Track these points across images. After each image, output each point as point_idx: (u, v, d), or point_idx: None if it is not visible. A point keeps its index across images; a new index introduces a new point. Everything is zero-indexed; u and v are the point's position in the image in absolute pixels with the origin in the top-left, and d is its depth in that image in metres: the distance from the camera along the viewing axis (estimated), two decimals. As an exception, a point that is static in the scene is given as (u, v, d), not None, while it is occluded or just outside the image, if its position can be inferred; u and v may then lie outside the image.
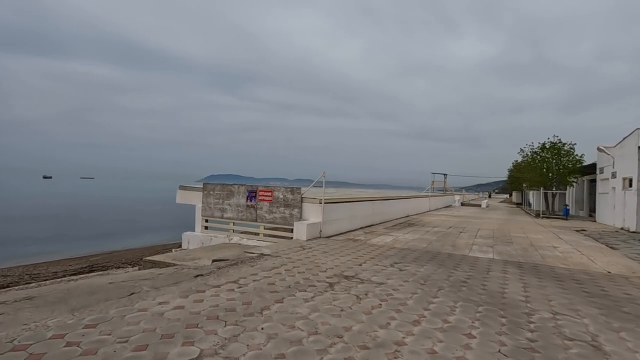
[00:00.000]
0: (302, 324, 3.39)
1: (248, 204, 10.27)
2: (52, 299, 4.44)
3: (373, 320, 3.55)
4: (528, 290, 4.95)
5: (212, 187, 10.93)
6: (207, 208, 10.97)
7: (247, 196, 10.29)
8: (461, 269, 6.18)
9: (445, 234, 11.52)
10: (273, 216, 9.91)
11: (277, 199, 9.86)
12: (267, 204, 9.98)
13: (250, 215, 10.28)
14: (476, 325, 3.51)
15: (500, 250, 8.52)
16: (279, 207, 9.82)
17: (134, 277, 5.94)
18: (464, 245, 9.11)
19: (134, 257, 18.09)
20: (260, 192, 10.11)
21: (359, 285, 4.79)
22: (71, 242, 23.85)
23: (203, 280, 4.92)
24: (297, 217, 9.54)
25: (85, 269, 14.93)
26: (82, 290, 4.81)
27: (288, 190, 9.75)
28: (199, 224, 11.11)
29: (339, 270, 5.65)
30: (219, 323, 3.33)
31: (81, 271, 14.57)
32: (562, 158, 21.50)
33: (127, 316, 3.45)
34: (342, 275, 5.31)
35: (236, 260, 6.30)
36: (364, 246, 8.20)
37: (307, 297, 4.22)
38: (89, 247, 22.68)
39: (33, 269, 15.76)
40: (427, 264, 6.50)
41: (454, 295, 4.49)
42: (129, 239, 25.92)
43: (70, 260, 18.59)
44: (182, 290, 4.38)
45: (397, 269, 5.95)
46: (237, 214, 10.47)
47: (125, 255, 18.83)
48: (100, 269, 15.09)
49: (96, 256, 19.60)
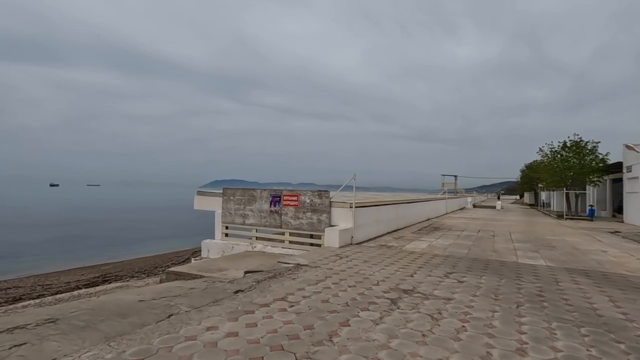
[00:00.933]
0: (386, 355, 2.80)
1: (272, 209, 9.71)
2: (79, 322, 3.89)
3: (468, 349, 2.94)
4: (619, 304, 4.32)
5: (232, 192, 10.39)
6: (227, 214, 10.42)
7: (270, 201, 9.73)
8: (525, 279, 5.55)
9: (478, 238, 10.87)
10: (299, 222, 9.33)
11: (303, 203, 9.29)
12: (293, 209, 9.41)
13: (274, 222, 9.71)
14: (596, 355, 2.90)
15: (548, 256, 7.87)
16: (305, 212, 9.25)
17: (162, 292, 5.38)
18: (506, 251, 8.47)
19: (146, 265, 17.57)
20: (284, 196, 9.55)
21: (425, 302, 4.19)
22: (80, 250, 23.41)
23: (246, 297, 4.35)
24: (325, 222, 8.95)
25: (98, 279, 14.42)
26: (110, 311, 4.25)
27: (315, 194, 9.18)
28: (218, 231, 10.56)
29: (392, 283, 5.05)
30: (287, 356, 2.74)
31: (94, 281, 14.05)
32: (585, 157, 20.75)
33: (175, 347, 2.87)
34: (399, 289, 4.71)
35: (273, 272, 5.72)
36: (402, 253, 7.59)
37: (374, 317, 3.63)
38: (98, 255, 22.22)
39: (45, 279, 15.28)
40: (483, 273, 5.87)
41: (541, 314, 3.87)
42: (137, 247, 25.45)
43: (81, 269, 18.11)
44: (227, 311, 3.81)
45: (455, 280, 5.33)
46: (259, 220, 9.91)
47: (137, 264, 18.32)
48: (113, 278, 14.57)
49: (107, 265, 19.11)
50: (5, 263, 18.94)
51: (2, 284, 14.34)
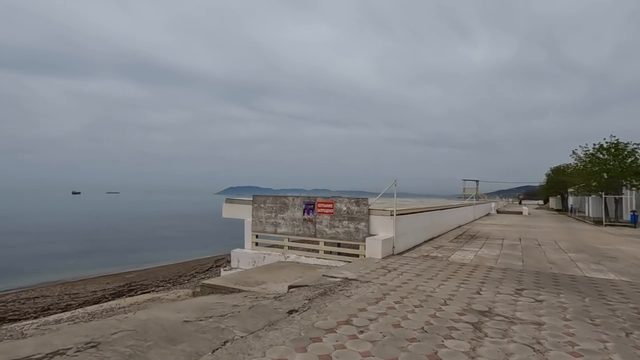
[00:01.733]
0: (508, 404, 2.25)
1: (305, 217, 9.25)
2: (124, 348, 3.48)
3: (605, 395, 2.37)
4: None
5: (262, 200, 9.99)
6: (257, 222, 10.01)
7: (303, 209, 9.27)
8: (610, 297, 4.88)
9: (525, 247, 10.11)
10: (335, 231, 8.83)
11: (339, 211, 8.79)
12: (328, 217, 8.92)
13: (307, 230, 9.24)
14: None
15: (615, 269, 7.11)
16: (341, 220, 8.74)
17: (204, 309, 4.96)
18: (564, 262, 7.74)
19: (169, 274, 17.35)
20: (319, 204, 9.08)
21: (513, 328, 3.61)
22: (103, 258, 23.49)
23: (304, 319, 3.86)
24: (364, 231, 8.42)
25: (124, 289, 14.23)
26: (155, 333, 3.84)
27: (352, 201, 8.67)
28: (249, 240, 10.16)
29: (461, 302, 4.48)
30: (384, 403, 2.23)
31: (120, 291, 13.86)
32: (625, 159, 19.57)
33: (245, 389, 2.41)
34: (474, 311, 4.13)
35: (322, 288, 5.22)
36: (452, 266, 6.99)
37: (465, 348, 3.08)
38: (120, 263, 22.21)
39: (71, 287, 15.20)
40: (558, 290, 5.22)
41: (663, 345, 3.24)
42: (158, 255, 25.41)
43: (106, 278, 18.04)
44: (290, 338, 3.32)
45: (531, 298, 4.71)
46: (292, 229, 9.46)
47: (160, 273, 18.13)
48: (139, 288, 14.36)
49: (130, 273, 19.00)
50: (31, 271, 19.09)
51: (30, 293, 14.32)
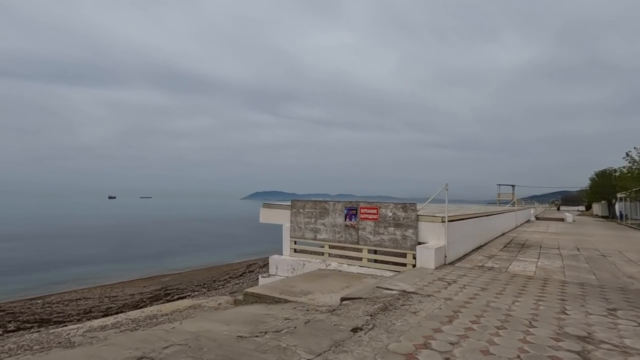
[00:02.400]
0: None
1: (347, 223, 8.81)
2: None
3: None
4: None
5: (301, 205, 9.66)
6: (296, 228, 9.68)
7: (345, 214, 8.84)
8: None
9: (590, 258, 9.15)
10: (379, 238, 8.33)
11: (384, 217, 8.29)
12: (372, 223, 8.44)
13: (349, 237, 8.79)
14: None
15: None
16: (387, 227, 8.24)
17: (255, 321, 4.62)
18: (645, 277, 6.83)
19: (203, 278, 17.39)
20: (362, 209, 8.62)
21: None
22: (138, 261, 24.06)
23: (373, 340, 3.41)
24: (412, 239, 7.87)
25: (160, 292, 14.32)
26: (212, 351, 3.52)
27: (399, 206, 8.15)
28: (287, 246, 9.84)
29: (550, 324, 3.87)
30: None
31: (157, 295, 13.96)
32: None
33: None
34: (571, 336, 3.53)
35: (380, 302, 4.76)
36: (518, 279, 6.31)
37: (585, 387, 2.53)
38: (155, 266, 22.63)
39: (110, 290, 15.51)
40: (658, 311, 4.48)
41: None
42: (189, 258, 25.75)
43: (142, 280, 18.36)
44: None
45: (633, 322, 4.03)
46: (333, 235, 9.05)
47: (194, 276, 18.24)
48: (175, 292, 14.41)
49: (165, 277, 19.26)
50: (73, 273, 19.79)
51: (72, 294, 14.72)
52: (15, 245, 27.64)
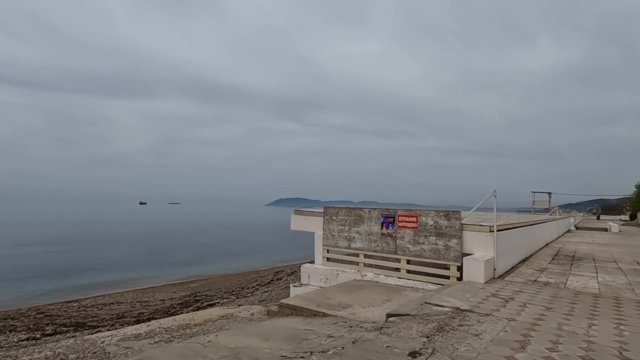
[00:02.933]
0: None
1: (384, 231, 8.36)
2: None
3: None
4: None
5: (334, 212, 9.30)
6: (329, 236, 9.32)
7: (382, 222, 8.40)
8: None
9: (656, 274, 8.21)
10: (419, 248, 7.81)
11: (424, 225, 7.78)
12: (411, 232, 7.95)
13: (386, 246, 8.32)
14: None
15: None
16: (427, 236, 7.72)
17: (297, 338, 4.28)
18: None
19: (231, 285, 17.31)
20: (400, 217, 8.15)
21: None
22: (167, 266, 24.43)
23: (438, 368, 2.98)
24: (455, 249, 7.32)
25: (190, 299, 14.31)
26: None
27: (440, 214, 7.62)
28: (319, 255, 9.49)
29: (645, 354, 3.29)
30: None
31: (187, 301, 13.95)
32: None
33: None
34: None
35: (433, 320, 4.29)
36: (583, 297, 5.63)
37: None
38: (184, 271, 22.89)
39: (141, 294, 15.71)
40: None
41: None
42: (217, 264, 25.92)
43: (171, 286, 18.53)
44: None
45: None
46: (368, 244, 8.61)
47: (222, 283, 18.21)
48: (204, 298, 14.36)
49: (194, 282, 19.38)
50: (107, 277, 20.31)
51: (106, 298, 15.01)
52: (54, 249, 28.91)
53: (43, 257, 25.15)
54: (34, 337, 8.68)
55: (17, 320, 10.86)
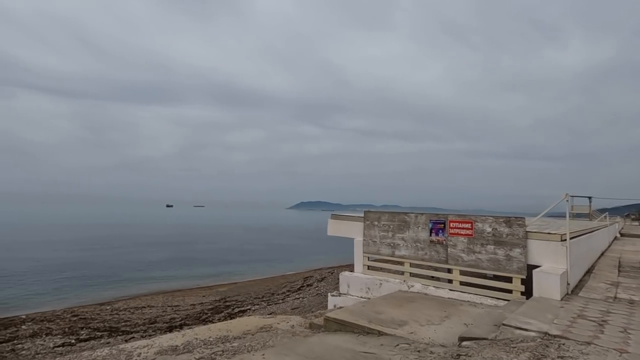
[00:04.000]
0: None
1: (433, 238, 7.65)
2: None
3: None
4: None
5: (376, 216, 8.67)
6: (370, 243, 8.70)
7: (430, 228, 7.70)
8: None
9: None
10: (475, 257, 7.06)
11: (480, 232, 7.02)
12: (465, 239, 7.21)
13: (436, 255, 7.61)
14: None
15: None
16: (485, 244, 6.96)
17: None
18: None
19: (260, 290, 16.94)
20: (452, 222, 7.42)
21: None
22: (196, 268, 24.47)
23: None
24: (519, 260, 6.52)
25: (220, 304, 14.01)
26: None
27: (500, 221, 6.85)
28: (359, 262, 8.87)
29: None
30: None
31: (217, 306, 13.66)
32: None
33: None
34: None
35: (526, 350, 3.59)
36: (688, 320, 4.73)
37: None
38: (212, 274, 22.79)
39: (171, 298, 15.59)
40: None
41: None
42: (244, 268, 25.72)
43: (200, 290, 18.38)
44: None
45: None
46: (415, 252, 7.92)
47: (251, 288, 17.87)
48: (234, 304, 14.03)
49: (222, 286, 19.17)
50: (137, 278, 20.48)
51: (137, 301, 14.98)
52: (87, 251, 29.72)
53: (76, 258, 25.84)
54: (70, 342, 8.54)
55: (53, 323, 10.87)
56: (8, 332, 9.62)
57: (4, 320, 11.48)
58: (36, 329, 10.03)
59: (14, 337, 9.10)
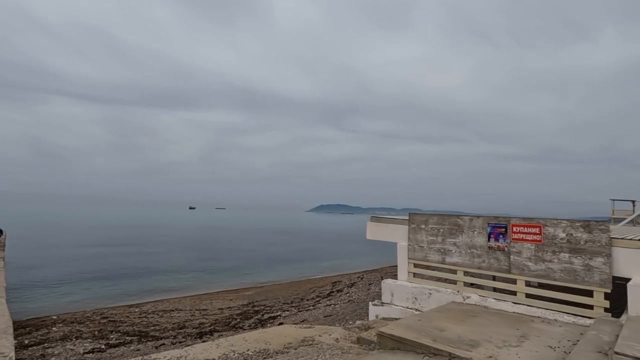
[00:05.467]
0: None
1: (491, 244, 6.82)
2: None
3: None
4: None
5: (423, 219, 7.91)
6: (416, 248, 7.94)
7: (489, 233, 6.88)
8: None
9: None
10: (544, 267, 6.19)
11: (552, 238, 6.15)
12: (531, 246, 6.35)
13: (495, 263, 6.77)
14: None
15: None
16: (557, 252, 6.08)
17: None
18: None
19: (289, 295, 16.36)
20: (515, 227, 6.58)
21: None
22: (220, 271, 24.26)
23: None
24: (602, 271, 5.62)
25: (249, 309, 13.52)
26: None
27: (577, 225, 5.96)
28: (404, 269, 8.12)
29: None
30: None
31: (246, 311, 13.16)
32: None
33: None
34: None
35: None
36: None
37: None
38: (236, 277, 22.49)
39: (199, 302, 15.25)
40: None
41: None
42: (269, 271, 25.28)
43: (227, 293, 18.02)
44: None
45: None
46: (470, 259, 7.11)
47: (278, 292, 17.33)
48: (262, 309, 13.51)
49: (248, 290, 18.74)
50: (164, 280, 20.40)
51: (165, 304, 14.72)
52: (115, 252, 30.19)
53: (105, 258, 26.20)
54: (100, 348, 8.21)
55: (83, 325, 10.67)
56: (40, 334, 9.44)
57: (36, 320, 11.41)
58: (67, 331, 9.82)
59: (45, 340, 8.89)
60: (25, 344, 8.47)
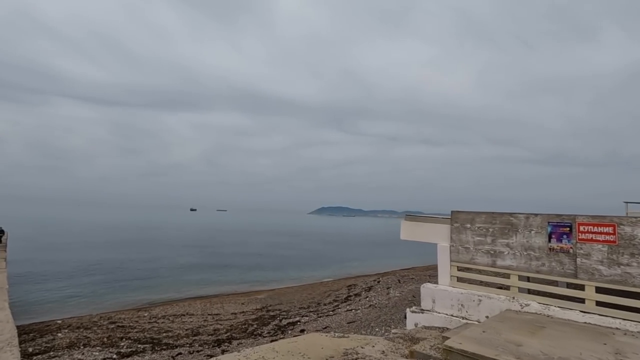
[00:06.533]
0: None
1: (554, 245, 6.07)
2: None
3: None
4: None
5: (469, 218, 7.16)
6: (461, 249, 7.19)
7: (549, 233, 6.12)
8: None
9: None
10: (620, 272, 5.44)
11: (629, 238, 5.40)
12: (603, 247, 5.60)
13: (558, 267, 6.02)
14: None
15: None
16: (636, 254, 5.33)
17: None
18: None
19: (303, 299, 15.60)
20: (581, 225, 5.83)
21: None
22: (228, 273, 23.51)
23: None
24: (696, 276, 4.86)
25: (264, 314, 12.77)
26: None
27: (661, 223, 5.21)
28: (446, 273, 7.36)
29: None
30: None
31: (261, 316, 12.41)
32: None
33: None
34: None
35: None
36: None
37: None
38: (246, 280, 21.74)
39: (210, 305, 14.50)
40: None
41: None
42: (278, 273, 24.57)
43: (237, 296, 17.27)
44: None
45: None
46: (527, 262, 6.35)
47: (292, 295, 16.57)
48: (278, 313, 12.74)
49: (259, 293, 17.99)
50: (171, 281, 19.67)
51: (174, 308, 13.97)
52: (121, 252, 29.50)
53: (110, 260, 25.50)
54: (111, 357, 7.48)
55: (90, 331, 9.95)
56: (44, 341, 8.72)
57: (39, 325, 10.71)
58: (73, 337, 9.10)
59: (51, 348, 8.16)
60: (30, 352, 7.76)
